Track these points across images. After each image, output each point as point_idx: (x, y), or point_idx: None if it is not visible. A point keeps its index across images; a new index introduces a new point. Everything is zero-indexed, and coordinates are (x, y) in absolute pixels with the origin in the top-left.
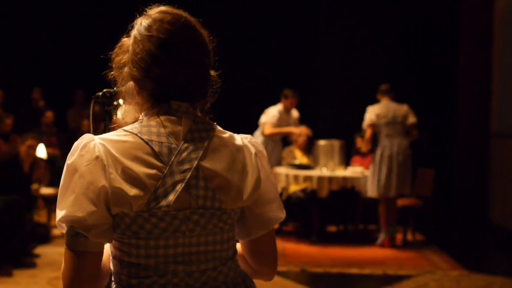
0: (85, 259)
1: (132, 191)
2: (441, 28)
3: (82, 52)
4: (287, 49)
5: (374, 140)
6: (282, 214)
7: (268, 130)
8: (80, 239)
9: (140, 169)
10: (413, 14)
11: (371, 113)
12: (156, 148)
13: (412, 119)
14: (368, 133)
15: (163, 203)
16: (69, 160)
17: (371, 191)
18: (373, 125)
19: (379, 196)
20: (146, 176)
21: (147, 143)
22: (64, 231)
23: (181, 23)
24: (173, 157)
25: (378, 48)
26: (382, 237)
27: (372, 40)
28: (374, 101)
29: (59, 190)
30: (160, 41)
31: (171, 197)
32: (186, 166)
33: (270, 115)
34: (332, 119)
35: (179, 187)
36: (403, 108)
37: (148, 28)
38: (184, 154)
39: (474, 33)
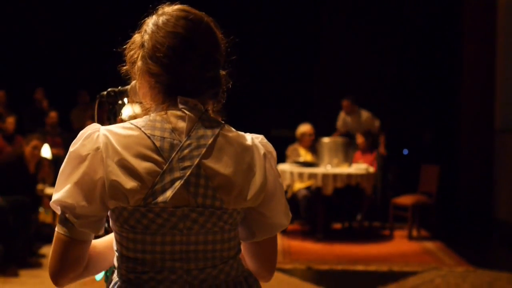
0: (70, 245)
1: (129, 184)
2: (445, 24)
3: (85, 51)
4: (290, 48)
5: None
6: (286, 221)
7: None
8: (68, 224)
9: (139, 164)
10: (416, 11)
11: None
12: (158, 143)
13: None
14: None
15: (160, 199)
16: (72, 147)
17: None
18: None
19: None
20: (145, 171)
21: (149, 137)
22: (58, 212)
23: (204, 22)
24: (174, 153)
25: (381, 44)
26: None
27: (375, 37)
28: (376, 98)
29: (58, 174)
30: (185, 38)
31: (169, 193)
32: (187, 163)
33: None
34: (336, 116)
35: (178, 184)
36: None
37: (174, 25)
38: (186, 151)
39: (478, 30)
